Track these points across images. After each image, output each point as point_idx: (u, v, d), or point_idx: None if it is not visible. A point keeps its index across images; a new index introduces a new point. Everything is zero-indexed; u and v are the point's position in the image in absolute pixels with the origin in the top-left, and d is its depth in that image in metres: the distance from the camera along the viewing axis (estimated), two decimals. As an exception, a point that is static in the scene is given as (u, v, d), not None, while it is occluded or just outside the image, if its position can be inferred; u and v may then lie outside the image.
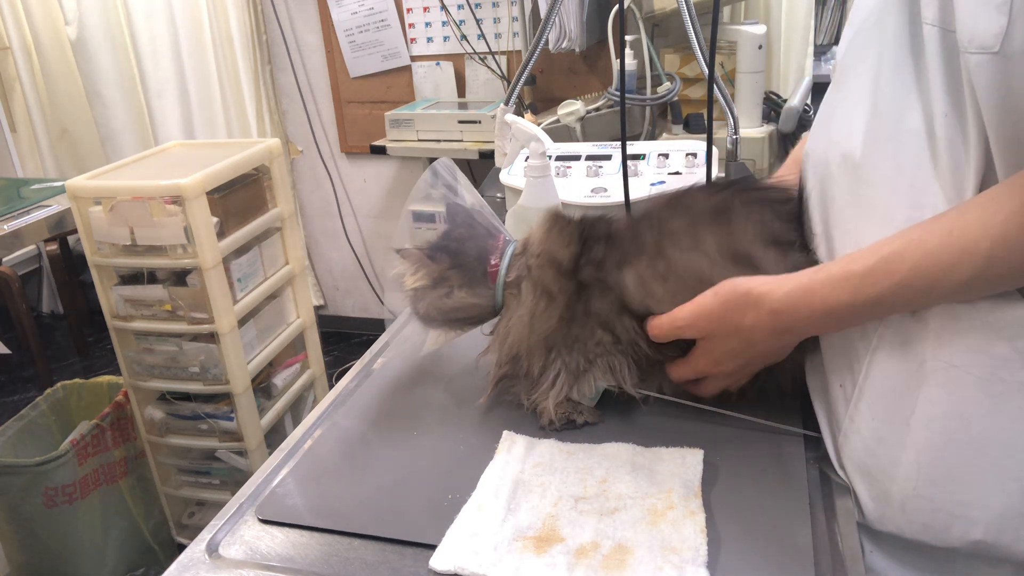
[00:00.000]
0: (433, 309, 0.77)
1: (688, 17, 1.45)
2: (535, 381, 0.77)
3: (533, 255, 0.77)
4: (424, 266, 0.77)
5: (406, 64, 2.67)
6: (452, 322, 0.80)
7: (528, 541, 0.61)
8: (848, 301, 0.60)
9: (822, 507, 0.65)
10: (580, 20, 2.06)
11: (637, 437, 0.74)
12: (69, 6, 2.48)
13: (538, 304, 0.75)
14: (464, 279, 0.77)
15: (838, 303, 0.61)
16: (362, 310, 3.19)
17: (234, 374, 1.63)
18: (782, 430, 0.74)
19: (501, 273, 0.77)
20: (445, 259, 0.77)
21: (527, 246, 0.79)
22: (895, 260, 0.58)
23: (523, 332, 0.76)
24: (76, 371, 2.94)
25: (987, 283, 0.55)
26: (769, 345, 0.69)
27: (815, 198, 0.70)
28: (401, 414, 0.83)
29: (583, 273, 0.75)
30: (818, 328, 0.67)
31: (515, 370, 0.78)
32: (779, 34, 2.15)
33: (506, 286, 0.77)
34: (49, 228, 1.86)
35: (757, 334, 0.67)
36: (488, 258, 0.78)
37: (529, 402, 0.78)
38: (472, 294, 0.77)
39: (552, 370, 0.76)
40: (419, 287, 0.77)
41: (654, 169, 1.24)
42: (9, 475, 1.63)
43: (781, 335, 0.67)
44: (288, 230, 1.83)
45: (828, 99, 0.71)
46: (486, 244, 0.79)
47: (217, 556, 0.65)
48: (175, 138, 2.56)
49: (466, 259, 0.78)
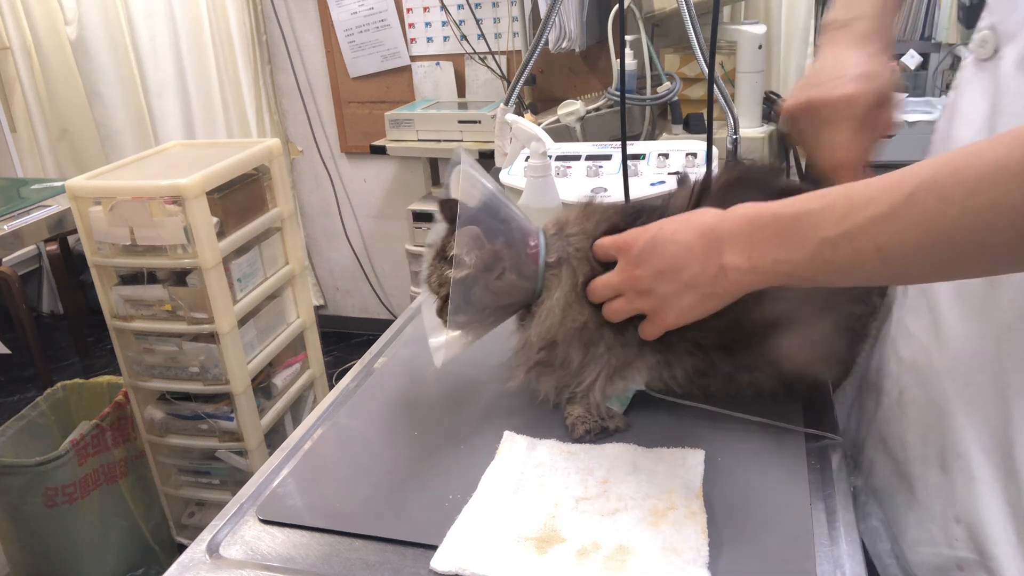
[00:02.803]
0: (486, 292, 0.73)
1: (688, 17, 1.45)
2: (573, 375, 0.75)
3: (570, 235, 0.75)
4: (479, 246, 0.72)
5: (406, 64, 2.67)
6: (499, 308, 0.76)
7: (529, 542, 0.61)
8: (776, 208, 0.53)
9: (824, 507, 0.65)
10: (580, 20, 2.06)
11: (638, 437, 0.74)
12: (69, 6, 2.48)
13: (572, 293, 0.73)
14: (513, 260, 0.73)
15: (768, 208, 0.54)
16: (362, 310, 3.19)
17: (234, 374, 1.63)
18: (783, 429, 0.74)
19: (541, 254, 0.75)
20: (498, 238, 0.73)
21: (562, 226, 0.77)
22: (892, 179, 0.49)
23: (556, 318, 0.73)
24: (76, 371, 2.94)
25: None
26: (695, 269, 0.61)
27: None
28: (402, 414, 0.83)
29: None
30: (746, 251, 0.57)
31: (551, 358, 0.76)
32: (779, 34, 2.15)
33: (547, 267, 0.75)
34: (49, 228, 1.86)
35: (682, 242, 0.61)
36: (527, 239, 0.75)
37: (558, 400, 0.77)
38: (520, 276, 0.74)
39: (591, 370, 0.74)
40: (472, 269, 0.71)
41: (654, 169, 1.24)
42: (9, 475, 1.63)
43: (708, 255, 0.59)
44: (288, 230, 1.83)
45: (1014, 99, 0.57)
46: (522, 225, 0.76)
47: (218, 556, 0.65)
48: (175, 138, 2.56)
49: (513, 238, 0.74)
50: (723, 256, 0.58)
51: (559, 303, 0.73)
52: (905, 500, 0.67)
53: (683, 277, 0.62)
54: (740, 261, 0.57)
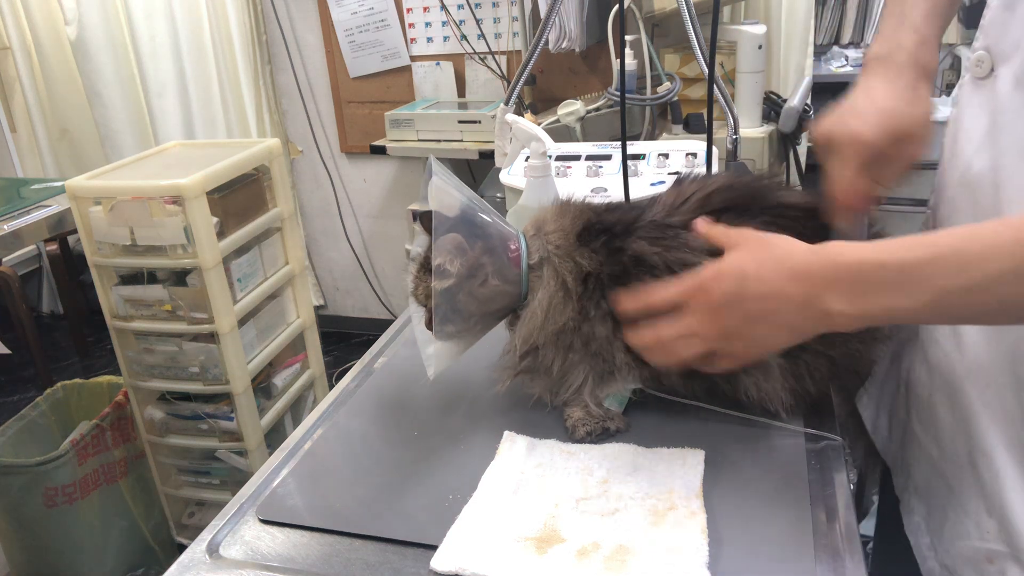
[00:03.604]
0: (471, 300, 0.73)
1: (688, 17, 1.44)
2: (555, 381, 0.75)
3: (549, 233, 0.75)
4: (462, 253, 0.71)
5: (406, 64, 2.67)
6: (486, 315, 0.76)
7: (529, 541, 0.61)
8: (883, 260, 0.53)
9: (824, 507, 0.65)
10: (580, 20, 2.06)
11: (638, 437, 0.74)
12: (69, 6, 2.48)
13: (555, 295, 0.73)
14: (495, 265, 0.73)
15: (869, 257, 0.54)
16: (362, 310, 3.19)
17: (234, 374, 1.63)
18: (783, 429, 0.74)
19: (523, 255, 0.75)
20: (478, 245, 0.73)
21: (540, 226, 0.77)
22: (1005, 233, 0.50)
23: (538, 321, 0.73)
24: (76, 371, 2.94)
25: None
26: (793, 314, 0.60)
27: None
28: (402, 414, 0.83)
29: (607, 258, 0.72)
30: (854, 300, 0.56)
31: (535, 364, 0.76)
32: (779, 34, 2.15)
33: (530, 269, 0.75)
34: (49, 228, 1.86)
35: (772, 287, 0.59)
36: (507, 243, 0.75)
37: (554, 402, 0.77)
38: (504, 281, 0.74)
39: (576, 374, 0.75)
40: (455, 278, 0.71)
41: (654, 169, 1.24)
42: (9, 475, 1.63)
43: (807, 302, 0.58)
44: (288, 230, 1.83)
45: (1011, 116, 0.59)
46: (501, 229, 0.76)
47: (218, 556, 0.65)
48: (175, 138, 2.55)
49: (493, 244, 0.74)
50: (826, 303, 0.57)
51: (541, 305, 0.73)
52: (943, 496, 0.69)
53: (779, 320, 0.61)
54: (847, 308, 0.57)
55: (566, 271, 0.73)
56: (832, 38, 3.16)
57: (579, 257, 0.73)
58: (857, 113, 0.69)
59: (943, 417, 0.69)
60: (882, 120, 0.68)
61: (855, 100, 0.71)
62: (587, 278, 0.73)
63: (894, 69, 0.70)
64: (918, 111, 0.68)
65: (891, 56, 0.71)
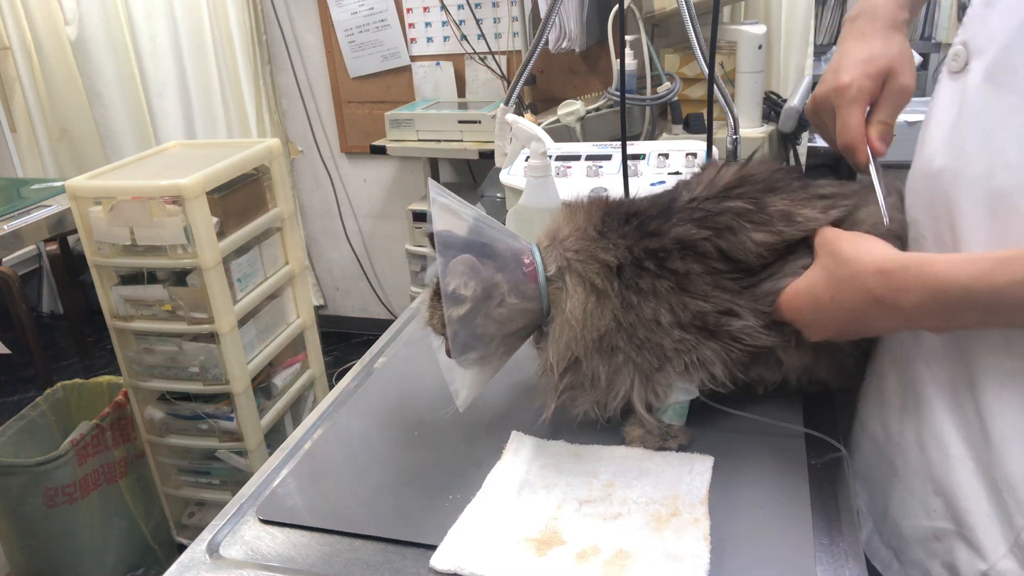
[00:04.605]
0: (490, 322, 0.69)
1: (688, 17, 1.44)
2: (603, 390, 0.70)
3: (564, 239, 0.72)
4: (475, 274, 0.67)
5: (406, 64, 2.67)
6: (508, 336, 0.72)
7: (529, 543, 0.61)
8: (965, 282, 0.54)
9: (823, 509, 0.65)
10: (580, 20, 2.06)
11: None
12: (69, 6, 2.48)
13: (588, 301, 0.69)
14: (511, 283, 0.69)
15: (954, 280, 0.54)
16: (362, 310, 3.19)
17: (234, 374, 1.63)
18: (784, 432, 0.74)
19: (539, 269, 0.70)
20: (489, 264, 0.69)
21: (554, 235, 0.73)
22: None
23: (575, 332, 0.69)
24: (76, 371, 2.93)
25: None
26: (873, 324, 0.63)
27: (948, 233, 0.62)
28: (402, 414, 0.83)
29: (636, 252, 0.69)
30: (920, 312, 0.58)
31: (579, 379, 0.71)
32: (779, 34, 2.15)
33: (549, 281, 0.71)
34: (49, 228, 1.86)
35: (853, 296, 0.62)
36: (520, 258, 0.71)
37: (604, 416, 0.71)
38: (522, 298, 0.70)
39: (622, 378, 0.70)
40: (471, 302, 0.67)
41: (654, 169, 1.23)
42: (9, 475, 1.63)
43: (880, 306, 0.60)
44: (288, 230, 1.83)
45: (977, 108, 0.60)
46: (512, 245, 0.72)
47: (218, 556, 0.65)
48: (175, 138, 2.55)
49: (506, 261, 0.70)
50: (911, 321, 0.61)
51: (574, 315, 0.69)
52: (886, 478, 0.71)
53: (857, 329, 0.66)
54: (934, 325, 0.60)
55: (592, 273, 0.69)
56: (832, 38, 3.16)
57: (602, 253, 0.70)
58: (835, 69, 0.73)
59: (892, 401, 0.71)
60: (862, 66, 0.71)
61: (833, 63, 0.74)
62: (620, 269, 0.69)
63: (866, 24, 0.74)
64: (892, 49, 0.72)
65: (862, 14, 0.75)
